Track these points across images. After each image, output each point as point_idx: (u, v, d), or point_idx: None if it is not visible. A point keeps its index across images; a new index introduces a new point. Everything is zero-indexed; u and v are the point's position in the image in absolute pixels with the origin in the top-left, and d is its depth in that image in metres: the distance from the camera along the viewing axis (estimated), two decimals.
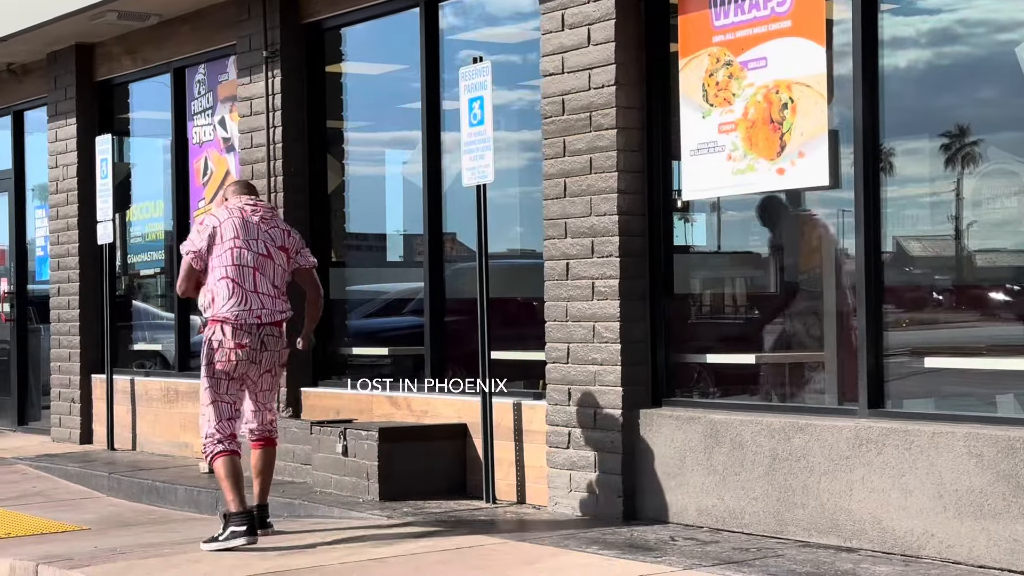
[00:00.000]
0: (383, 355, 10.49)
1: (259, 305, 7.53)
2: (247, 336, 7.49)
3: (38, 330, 14.20)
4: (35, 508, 9.65)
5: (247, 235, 7.57)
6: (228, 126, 11.37)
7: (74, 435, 12.83)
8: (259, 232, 7.62)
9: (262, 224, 7.65)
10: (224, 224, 7.56)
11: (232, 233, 7.55)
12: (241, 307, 7.48)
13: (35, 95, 13.78)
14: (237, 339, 7.47)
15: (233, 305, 7.47)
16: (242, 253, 7.53)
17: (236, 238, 7.54)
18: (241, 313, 7.47)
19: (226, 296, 7.48)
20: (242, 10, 10.72)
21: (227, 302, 7.47)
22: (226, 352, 7.49)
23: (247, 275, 7.53)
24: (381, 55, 10.60)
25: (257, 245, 7.58)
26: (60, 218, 13.11)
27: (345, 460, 8.97)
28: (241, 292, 7.50)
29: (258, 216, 7.66)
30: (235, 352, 7.48)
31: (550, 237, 8.20)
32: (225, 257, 7.50)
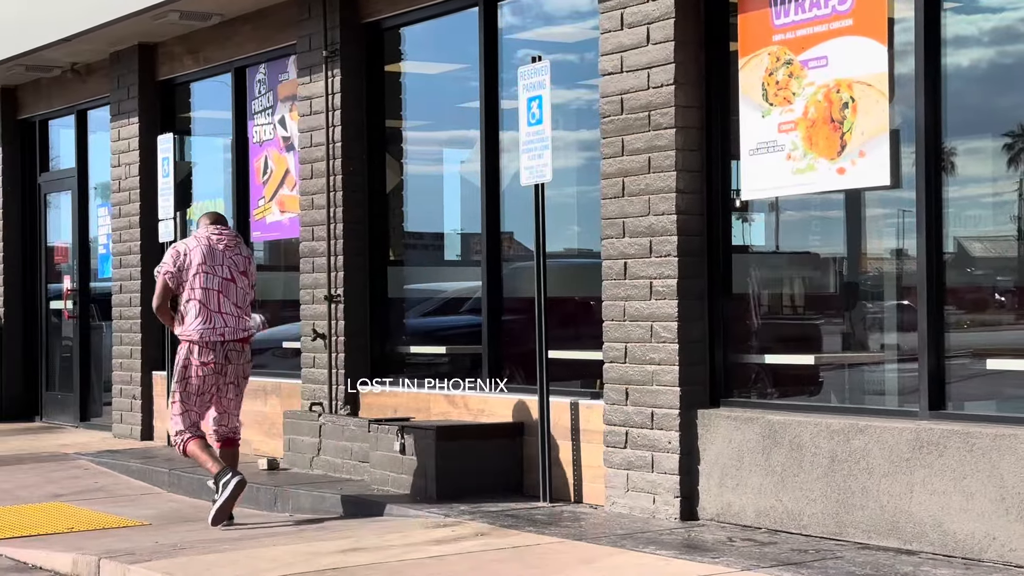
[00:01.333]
0: (440, 354, 10.52)
1: (223, 324, 8.56)
2: (211, 353, 8.54)
3: (100, 327, 14.34)
4: (97, 503, 9.76)
5: (213, 261, 8.61)
6: (288, 125, 11.44)
7: (135, 431, 12.95)
8: (224, 258, 8.65)
9: (227, 251, 8.68)
10: (193, 251, 8.60)
11: (200, 259, 8.58)
12: (206, 326, 8.52)
13: (98, 94, 13.92)
14: (203, 358, 8.53)
15: (199, 325, 8.52)
16: (208, 277, 8.56)
17: (203, 263, 8.58)
18: (206, 332, 8.51)
19: (194, 316, 8.53)
20: (303, 10, 10.78)
21: (194, 321, 8.52)
22: (194, 369, 8.55)
23: (212, 297, 8.56)
24: (440, 54, 10.63)
25: (222, 270, 8.61)
26: (122, 216, 13.24)
27: (403, 458, 9.00)
28: (207, 313, 8.53)
29: (223, 244, 8.69)
30: (201, 369, 8.54)
31: (608, 236, 8.19)
32: (194, 281, 8.55)
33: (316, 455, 10.18)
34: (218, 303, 8.57)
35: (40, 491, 10.31)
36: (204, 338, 8.52)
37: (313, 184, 10.72)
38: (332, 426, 10.06)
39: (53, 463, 11.65)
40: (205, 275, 8.55)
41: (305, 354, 10.80)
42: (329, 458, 10.04)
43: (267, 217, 11.78)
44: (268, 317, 12.23)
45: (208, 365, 8.53)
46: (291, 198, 11.36)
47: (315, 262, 10.71)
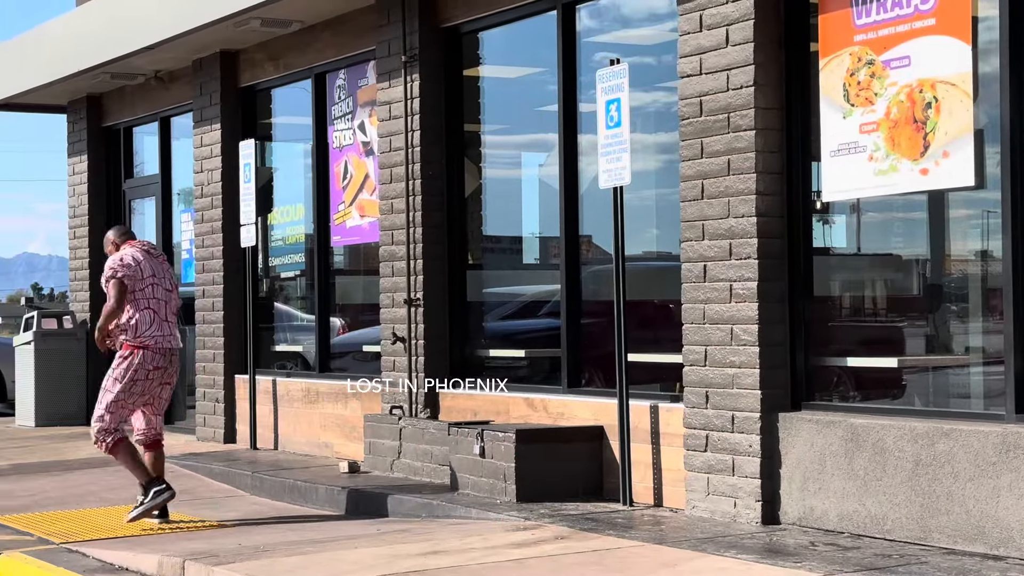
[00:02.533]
0: (520, 357, 10.54)
1: (169, 332, 9.09)
2: (161, 358, 9.01)
3: (184, 331, 14.50)
4: (181, 506, 9.86)
5: (158, 273, 9.12)
6: (367, 130, 11.52)
7: (218, 434, 13.09)
8: (163, 271, 9.19)
9: (163, 266, 9.23)
10: (142, 263, 9.07)
11: (150, 271, 9.08)
12: (158, 333, 9.00)
13: (181, 101, 14.10)
14: (155, 362, 8.98)
15: (153, 331, 8.98)
16: (156, 288, 9.06)
17: (153, 275, 9.08)
18: (159, 338, 9.00)
19: (148, 324, 8.98)
20: (382, 16, 10.85)
21: (149, 328, 8.97)
22: (145, 372, 8.97)
23: (161, 307, 9.07)
24: (518, 58, 10.65)
25: (164, 282, 9.14)
26: (205, 221, 13.40)
27: (482, 461, 9.03)
28: (159, 321, 9.03)
29: (159, 258, 9.25)
30: (152, 374, 8.99)
31: (687, 239, 8.16)
32: (148, 291, 9.01)
33: (396, 458, 10.24)
34: (165, 313, 9.10)
35: (126, 493, 10.44)
36: (158, 344, 9.00)
37: (392, 188, 10.79)
38: (412, 429, 10.11)
39: None
40: (154, 286, 9.05)
41: (385, 357, 10.86)
42: (409, 461, 10.09)
43: (347, 221, 11.87)
44: (348, 321, 12.38)
45: (158, 370, 9.01)
46: (371, 202, 11.44)
47: (395, 266, 10.77)
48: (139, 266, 9.07)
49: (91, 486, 10.79)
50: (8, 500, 10.22)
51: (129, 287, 8.99)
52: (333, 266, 12.31)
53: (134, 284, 9.01)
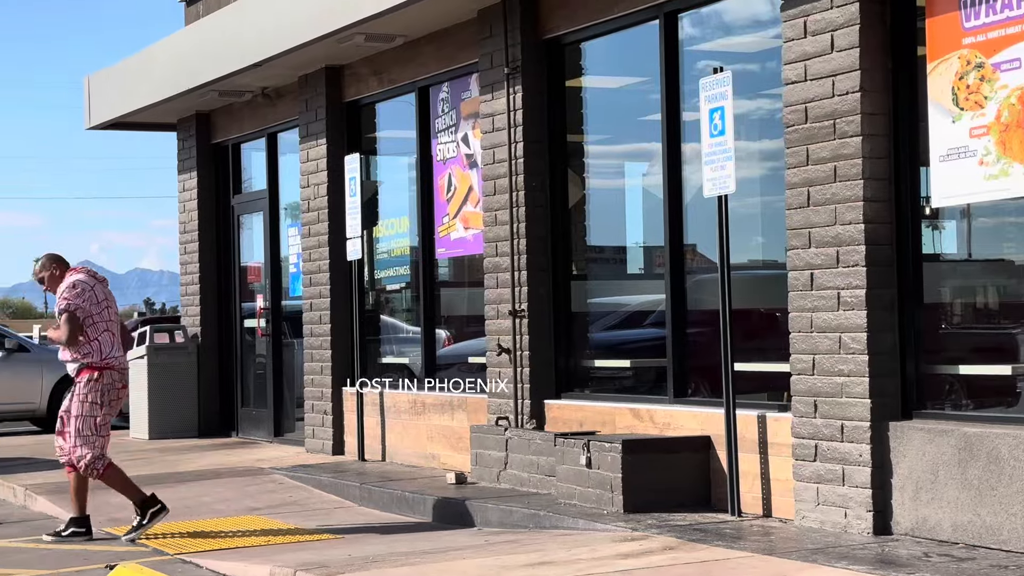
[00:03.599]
0: (625, 367, 10.51)
1: (123, 353, 9.47)
2: (123, 377, 9.41)
3: (292, 344, 14.68)
4: (291, 517, 9.99)
5: (108, 297, 9.46)
6: (471, 142, 11.57)
7: (326, 446, 13.21)
8: (109, 294, 9.51)
9: (106, 288, 9.56)
10: (95, 288, 9.40)
11: (102, 296, 9.42)
12: (119, 355, 9.39)
13: (287, 117, 14.28)
14: (121, 381, 9.38)
15: (115, 353, 9.35)
16: (110, 311, 9.40)
17: (106, 299, 9.43)
18: (121, 359, 9.40)
19: (110, 346, 9.32)
20: (484, 28, 10.91)
21: (111, 350, 9.32)
22: (116, 391, 9.32)
23: (115, 328, 9.43)
24: (620, 68, 10.63)
25: (113, 305, 9.48)
26: (312, 235, 13.55)
27: (589, 472, 9.01)
28: (117, 343, 9.39)
29: (104, 281, 9.59)
30: (120, 393, 9.38)
31: (793, 247, 8.09)
32: (105, 314, 9.36)
33: (503, 469, 10.26)
34: (120, 334, 9.52)
35: (237, 504, 10.60)
36: (121, 364, 9.40)
37: (496, 200, 10.83)
38: (518, 440, 10.13)
39: (249, 477, 11.96)
40: (108, 309, 9.41)
41: (490, 369, 10.90)
42: (516, 472, 10.11)
43: (451, 234, 11.93)
44: (454, 332, 12.44)
45: (124, 388, 9.44)
46: (475, 214, 11.49)
47: (499, 277, 10.81)
48: (93, 291, 9.38)
49: (203, 498, 10.95)
50: (123, 512, 10.41)
51: (83, 316, 9.26)
52: (438, 278, 12.38)
53: (91, 310, 9.29)
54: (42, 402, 18.01)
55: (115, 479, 9.43)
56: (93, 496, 11.10)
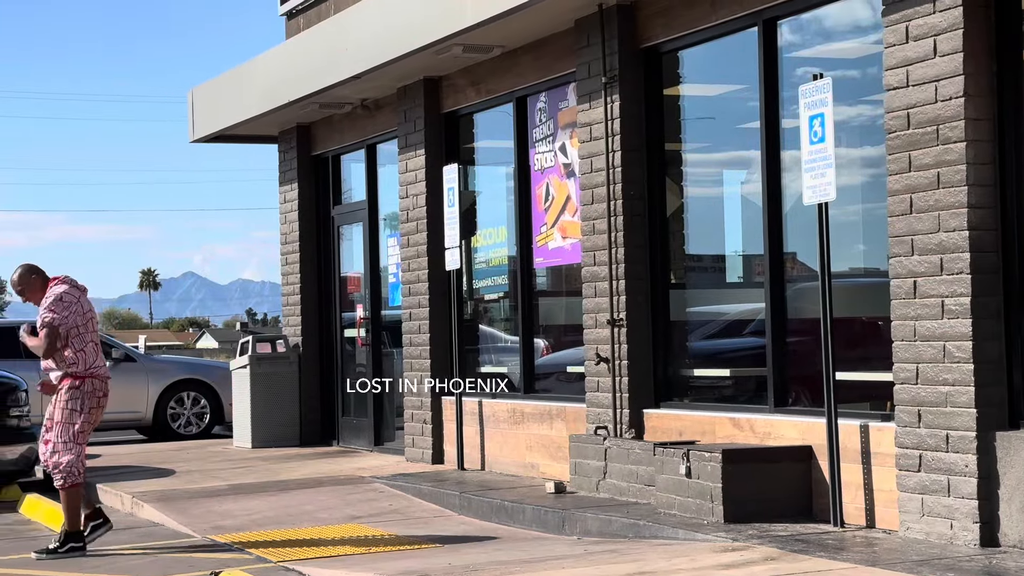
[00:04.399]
0: (724, 376, 10.45)
1: (104, 363, 9.63)
2: (104, 386, 9.55)
3: (391, 354, 14.78)
4: (391, 525, 10.06)
5: (91, 308, 9.64)
6: (568, 152, 11.58)
7: (426, 455, 13.28)
8: (90, 305, 9.68)
9: (87, 298, 9.68)
10: (80, 299, 9.56)
11: (87, 307, 9.59)
12: (100, 363, 9.55)
13: (386, 128, 14.40)
14: (103, 390, 9.53)
15: (97, 362, 9.51)
16: (92, 323, 9.58)
17: (90, 311, 9.60)
18: (102, 368, 9.55)
19: (93, 356, 9.47)
20: (581, 38, 10.92)
21: (95, 360, 9.48)
22: (96, 400, 9.48)
23: (98, 339, 9.62)
24: (718, 76, 10.58)
25: (95, 316, 9.69)
26: (410, 246, 13.64)
27: (688, 482, 8.97)
28: (99, 352, 9.56)
29: (84, 291, 9.70)
30: (101, 402, 9.52)
31: (896, 255, 7.99)
32: (89, 325, 9.52)
33: (602, 478, 10.25)
34: (100, 345, 9.69)
35: (339, 513, 10.69)
36: (102, 373, 9.56)
37: (594, 209, 10.83)
38: (617, 449, 10.11)
39: (350, 486, 12.06)
40: (91, 320, 9.58)
41: (589, 378, 10.89)
42: (615, 481, 10.09)
43: (549, 243, 11.95)
44: (552, 342, 12.45)
45: (105, 396, 9.58)
46: (572, 224, 11.49)
47: (597, 287, 10.80)
48: (79, 303, 9.52)
49: (306, 506, 11.07)
50: (227, 519, 10.56)
51: (68, 328, 9.38)
52: (536, 287, 12.40)
53: (76, 322, 9.43)
54: (148, 411, 18.33)
55: (74, 498, 9.41)
56: (199, 503, 11.28)
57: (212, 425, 18.67)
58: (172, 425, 18.41)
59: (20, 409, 12.91)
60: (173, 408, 18.51)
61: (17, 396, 12.92)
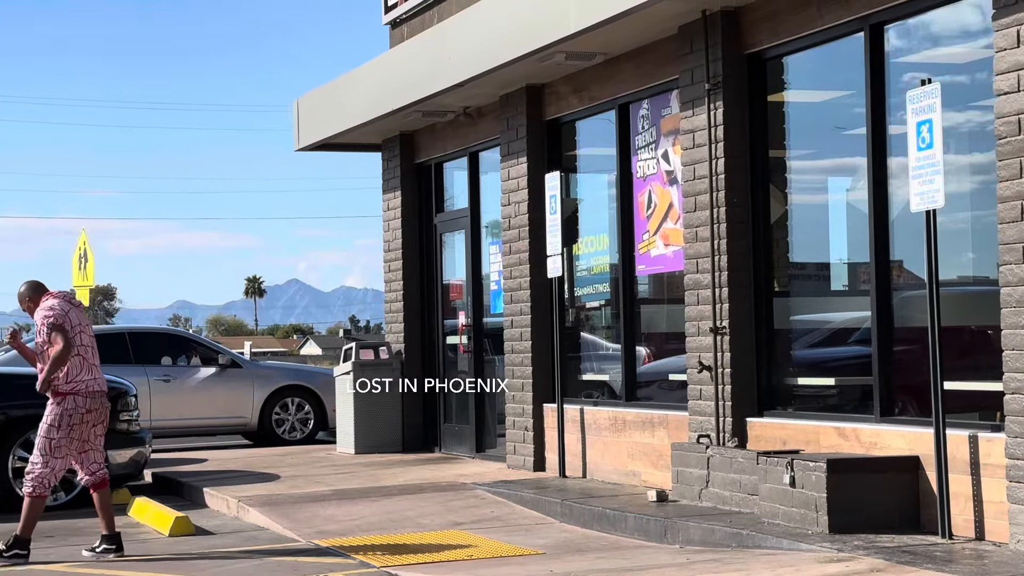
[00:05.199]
0: (829, 385, 10.33)
1: (99, 376, 9.63)
2: (92, 401, 9.52)
3: (493, 361, 14.82)
4: (493, 532, 10.08)
5: (82, 321, 9.65)
6: (671, 159, 11.54)
7: (527, 462, 13.30)
8: (84, 319, 9.73)
9: (81, 312, 9.77)
10: (70, 312, 9.59)
11: (77, 320, 9.60)
12: (88, 377, 9.52)
13: (488, 136, 14.46)
14: (87, 406, 9.48)
15: (83, 376, 9.49)
16: (83, 336, 9.58)
17: (80, 323, 9.61)
18: (89, 382, 9.51)
19: (79, 369, 9.49)
20: (684, 44, 10.88)
21: (79, 374, 9.49)
22: (80, 416, 9.45)
23: (89, 353, 9.59)
24: (823, 82, 10.48)
25: (88, 330, 9.68)
26: (512, 253, 13.67)
27: (792, 491, 8.89)
28: (89, 366, 9.54)
29: (79, 306, 9.80)
30: (87, 417, 9.48)
31: (1006, 262, 7.85)
32: (77, 339, 9.52)
33: (704, 487, 10.19)
34: (93, 358, 9.66)
35: (440, 519, 10.75)
36: (88, 388, 9.52)
37: (697, 217, 10.78)
38: (720, 458, 10.05)
39: (451, 492, 12.11)
40: (81, 334, 9.59)
41: (691, 386, 10.84)
42: (717, 490, 10.02)
43: (651, 251, 11.91)
44: (653, 349, 12.40)
45: (91, 412, 9.51)
46: (675, 231, 11.45)
47: (700, 294, 10.74)
48: (68, 315, 9.57)
49: (408, 512, 11.14)
50: (331, 524, 10.66)
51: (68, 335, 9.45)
52: (638, 295, 12.37)
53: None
54: (253, 416, 18.57)
55: (36, 508, 9.46)
56: (303, 508, 11.40)
57: (316, 431, 18.86)
58: (277, 430, 18.63)
59: (130, 414, 13.14)
60: (278, 414, 18.73)
61: (127, 401, 13.16)
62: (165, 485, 14.02)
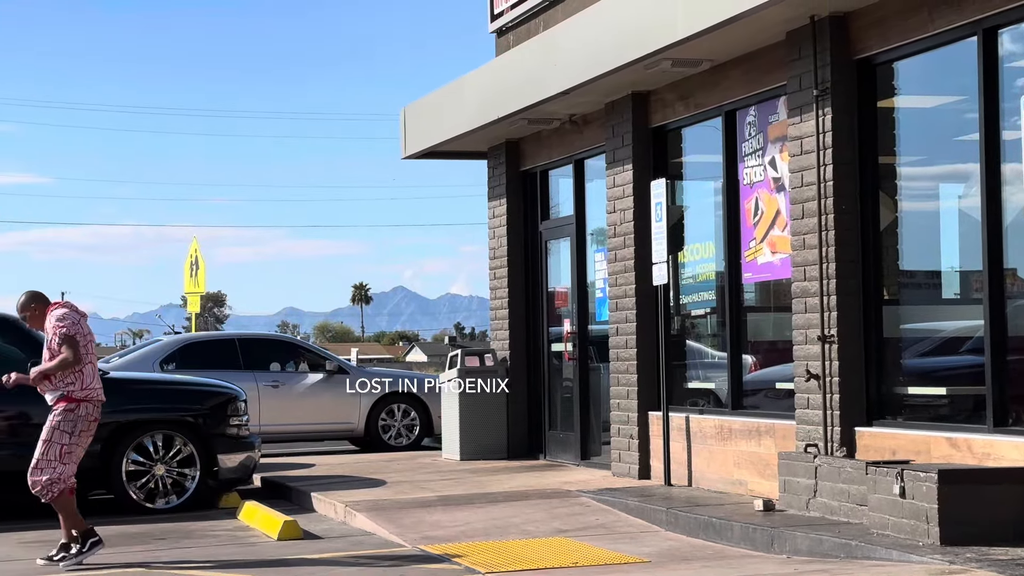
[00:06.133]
0: (940, 395, 10.17)
1: (101, 385, 9.84)
2: (98, 410, 9.79)
3: (598, 368, 14.81)
4: (597, 539, 10.07)
5: (90, 332, 9.89)
6: (778, 166, 11.45)
7: (632, 470, 13.26)
8: (89, 329, 9.90)
9: (86, 322, 9.90)
10: (80, 321, 9.82)
11: (86, 329, 9.84)
12: (98, 386, 9.79)
13: (594, 144, 14.46)
14: (95, 414, 9.74)
15: (95, 384, 9.74)
16: (90, 345, 9.82)
17: (89, 334, 9.85)
18: (99, 391, 9.77)
19: (91, 377, 9.72)
20: (792, 50, 10.79)
21: (92, 381, 9.71)
22: (88, 423, 9.68)
23: (96, 362, 9.87)
24: (934, 87, 10.33)
25: (93, 339, 9.91)
26: (617, 261, 13.65)
27: (902, 502, 8.76)
28: (97, 375, 9.80)
29: (84, 316, 9.93)
30: (92, 424, 9.72)
31: None
32: (89, 347, 9.76)
33: (812, 497, 10.08)
34: (97, 368, 9.92)
35: (545, 526, 10.76)
36: (98, 397, 9.77)
37: (804, 224, 10.68)
38: (828, 468, 9.94)
39: (556, 499, 12.12)
40: (90, 343, 9.83)
41: (799, 395, 10.74)
42: (825, 500, 9.92)
43: (758, 258, 11.82)
44: (760, 358, 12.30)
45: (95, 421, 9.77)
46: (782, 239, 11.35)
47: (807, 302, 10.64)
48: (79, 325, 9.75)
49: (513, 518, 11.16)
50: (437, 530, 10.73)
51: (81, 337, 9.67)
52: (744, 303, 12.28)
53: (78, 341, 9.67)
54: (360, 422, 18.75)
55: (68, 507, 9.62)
56: (409, 514, 11.48)
57: (422, 437, 18.99)
58: (383, 437, 18.79)
59: (239, 419, 13.34)
60: (384, 420, 18.89)
61: (237, 406, 13.36)
62: (273, 489, 14.20)
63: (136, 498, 12.66)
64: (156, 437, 12.84)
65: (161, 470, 12.79)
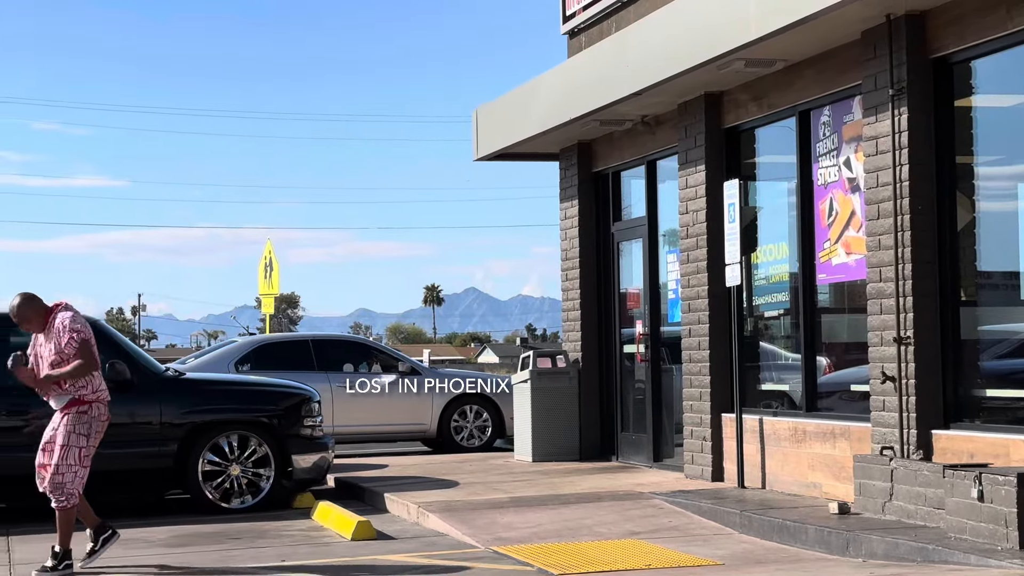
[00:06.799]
0: (1019, 397, 10.03)
1: (106, 387, 9.84)
2: (108, 410, 9.77)
3: (670, 370, 14.75)
4: (670, 542, 10.04)
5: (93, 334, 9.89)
6: (853, 166, 11.35)
7: (705, 472, 13.21)
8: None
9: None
10: (87, 327, 9.80)
11: (94, 331, 9.89)
12: (106, 389, 9.79)
13: (666, 145, 14.41)
14: (106, 414, 9.74)
15: (103, 386, 9.75)
16: (97, 347, 9.79)
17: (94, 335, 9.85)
18: (105, 392, 9.78)
19: (99, 380, 9.72)
20: (867, 50, 10.69)
21: (102, 384, 9.74)
22: (101, 423, 9.69)
23: (99, 366, 9.77)
24: (1013, 86, 10.19)
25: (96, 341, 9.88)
26: (690, 262, 13.60)
27: (980, 506, 8.66)
28: (102, 377, 9.79)
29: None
30: (105, 423, 9.73)
31: None
32: (98, 351, 9.76)
33: (888, 500, 9.98)
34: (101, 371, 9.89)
35: (617, 528, 10.74)
36: (106, 396, 9.78)
37: (880, 225, 10.58)
38: (904, 471, 9.84)
39: (629, 501, 12.09)
40: (97, 345, 9.81)
41: (874, 397, 10.64)
42: (901, 503, 9.81)
43: (832, 259, 11.73)
44: (834, 359, 12.19)
45: (108, 420, 9.79)
46: (857, 239, 11.25)
47: (883, 303, 10.54)
48: (87, 327, 9.77)
49: (585, 520, 11.16)
50: (509, 532, 10.74)
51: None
52: (818, 304, 12.19)
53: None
54: (432, 423, 18.81)
55: (71, 518, 9.53)
56: (482, 515, 11.50)
57: (494, 438, 19.02)
58: (455, 438, 18.84)
59: (313, 420, 13.44)
60: (456, 421, 18.94)
61: (311, 407, 13.45)
62: (347, 490, 14.29)
63: (212, 498, 12.79)
64: (231, 437, 12.96)
65: (236, 470, 12.92)
